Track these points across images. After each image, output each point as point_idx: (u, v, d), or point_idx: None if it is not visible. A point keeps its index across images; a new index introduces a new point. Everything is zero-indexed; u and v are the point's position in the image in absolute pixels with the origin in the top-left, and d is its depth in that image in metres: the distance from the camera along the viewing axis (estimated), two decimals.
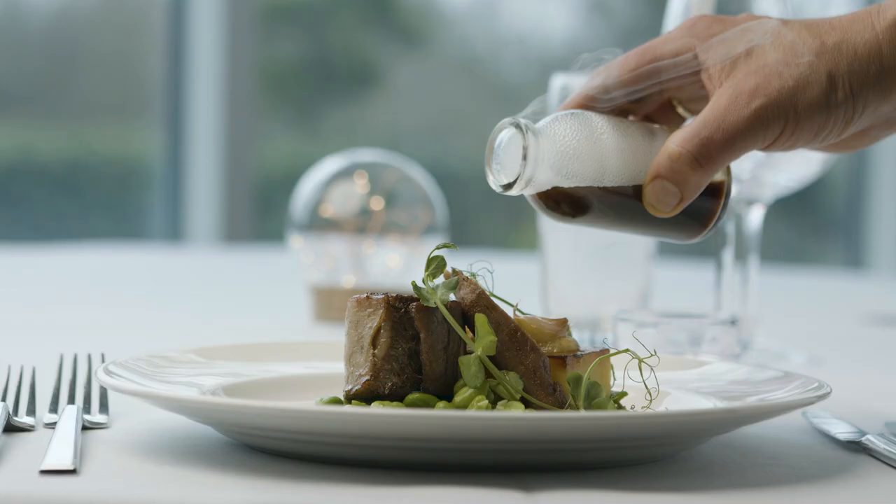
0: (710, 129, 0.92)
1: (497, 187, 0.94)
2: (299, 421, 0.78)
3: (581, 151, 0.93)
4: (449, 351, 0.89)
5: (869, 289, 2.67)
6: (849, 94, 0.92)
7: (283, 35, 4.41)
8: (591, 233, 1.42)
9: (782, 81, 0.92)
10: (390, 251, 1.64)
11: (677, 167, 0.93)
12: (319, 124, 4.43)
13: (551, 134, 0.93)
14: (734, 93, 0.93)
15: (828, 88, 0.92)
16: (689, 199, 0.94)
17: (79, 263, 2.55)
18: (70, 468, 0.77)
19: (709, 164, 0.93)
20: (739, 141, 0.93)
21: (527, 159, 0.92)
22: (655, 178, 0.93)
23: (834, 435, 0.93)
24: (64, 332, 1.50)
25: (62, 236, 3.80)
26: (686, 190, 0.93)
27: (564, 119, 0.94)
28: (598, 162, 0.93)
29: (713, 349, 1.16)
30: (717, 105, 0.93)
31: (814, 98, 0.92)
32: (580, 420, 0.77)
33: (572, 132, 0.93)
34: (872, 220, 4.64)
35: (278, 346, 1.07)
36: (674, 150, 0.93)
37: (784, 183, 1.44)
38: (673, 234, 0.97)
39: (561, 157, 0.92)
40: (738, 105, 0.92)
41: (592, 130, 0.94)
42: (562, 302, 1.42)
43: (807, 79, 0.92)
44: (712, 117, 0.93)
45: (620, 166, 0.93)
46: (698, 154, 0.92)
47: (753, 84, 0.92)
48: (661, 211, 0.94)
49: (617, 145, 0.94)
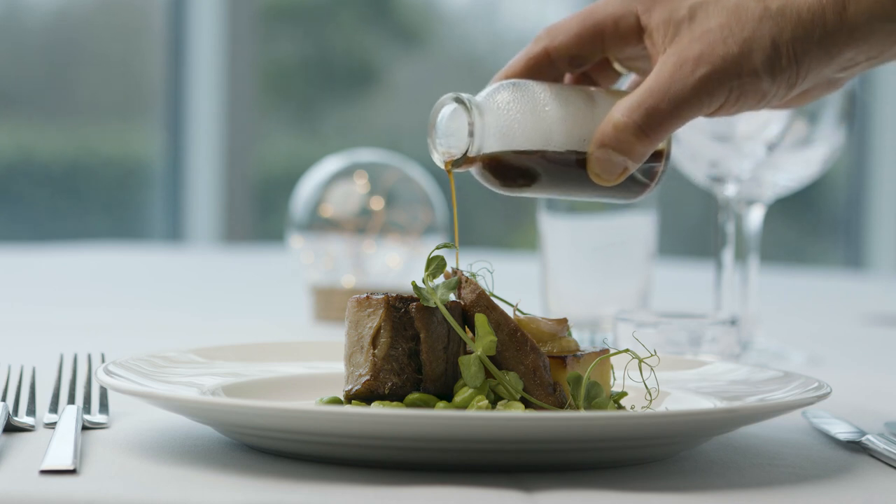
0: (655, 99, 0.92)
1: (441, 163, 0.94)
2: (299, 421, 0.78)
3: (525, 123, 0.93)
4: (449, 351, 0.89)
5: (869, 289, 2.67)
6: (792, 59, 0.92)
7: (283, 35, 4.41)
8: (591, 233, 1.42)
9: (727, 48, 0.92)
10: (390, 251, 1.64)
11: (623, 137, 0.93)
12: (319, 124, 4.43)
13: (494, 107, 0.93)
14: (678, 60, 0.92)
15: (772, 54, 0.92)
16: (635, 168, 0.94)
17: (79, 263, 2.54)
18: (70, 468, 0.77)
19: (655, 133, 0.93)
20: (685, 109, 0.92)
21: (473, 135, 0.92)
22: (600, 148, 0.93)
23: (834, 435, 0.93)
24: (64, 332, 1.49)
25: (62, 236, 3.80)
26: (631, 159, 0.93)
27: (506, 90, 0.94)
28: (542, 132, 0.93)
29: (713, 349, 1.16)
30: (662, 73, 0.92)
31: (758, 64, 0.92)
32: (580, 420, 0.77)
33: (515, 104, 0.93)
34: (872, 220, 4.64)
35: (278, 346, 1.07)
36: (619, 120, 0.93)
37: (784, 183, 1.44)
38: (616, 196, 0.98)
39: (505, 129, 0.92)
40: (683, 73, 0.92)
41: (535, 101, 0.93)
42: (562, 302, 1.42)
43: (751, 45, 0.92)
44: (657, 86, 0.92)
45: (564, 135, 0.93)
46: (644, 124, 0.92)
47: (698, 51, 0.92)
48: (607, 180, 0.94)
49: (560, 114, 0.93)
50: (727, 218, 1.37)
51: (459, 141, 0.93)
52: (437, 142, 0.94)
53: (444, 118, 0.94)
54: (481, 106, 0.93)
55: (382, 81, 4.53)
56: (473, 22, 4.64)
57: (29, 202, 4.02)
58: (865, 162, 4.64)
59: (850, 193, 4.70)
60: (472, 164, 0.93)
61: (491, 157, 0.93)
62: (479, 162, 0.93)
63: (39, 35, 4.09)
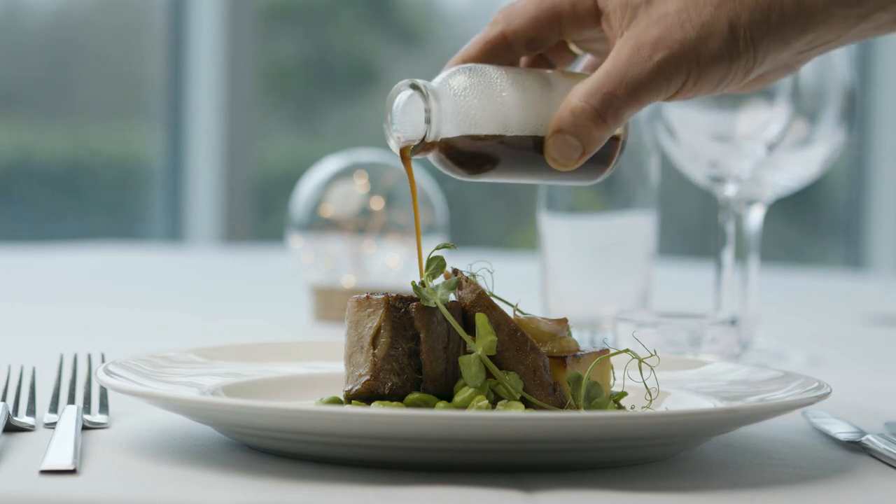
0: (612, 83, 0.92)
1: (398, 150, 0.93)
2: (299, 421, 0.78)
3: (482, 108, 0.92)
4: (449, 351, 0.89)
5: (869, 289, 2.67)
6: (749, 43, 0.92)
7: (283, 35, 4.41)
8: (591, 233, 1.42)
9: (684, 33, 0.91)
10: (390, 251, 1.64)
11: (580, 122, 0.92)
12: (319, 124, 4.43)
13: (451, 93, 0.92)
14: (636, 44, 0.92)
15: (729, 39, 0.92)
16: (592, 153, 0.93)
17: (79, 263, 2.54)
18: (70, 468, 0.77)
19: (612, 118, 0.92)
20: (643, 94, 0.92)
21: (430, 122, 0.92)
22: (558, 133, 0.93)
23: (834, 435, 0.93)
24: (64, 332, 1.49)
25: (62, 236, 3.80)
26: (589, 144, 0.93)
27: (462, 75, 0.93)
28: (499, 118, 0.92)
29: (713, 349, 1.16)
30: (619, 57, 0.92)
31: (716, 49, 0.92)
32: (580, 420, 0.77)
33: (472, 90, 0.92)
34: (872, 220, 4.64)
35: (278, 346, 1.07)
36: (576, 105, 0.92)
37: (784, 183, 1.44)
38: (574, 179, 0.97)
39: (462, 115, 0.92)
40: (640, 58, 0.91)
41: (492, 86, 0.93)
42: (562, 302, 1.42)
43: (709, 30, 0.91)
44: (615, 71, 0.92)
45: (521, 120, 0.93)
46: (601, 109, 0.92)
47: (655, 35, 0.92)
48: (564, 165, 0.93)
49: (517, 99, 0.93)
50: (727, 218, 1.37)
51: (416, 127, 0.92)
52: (394, 128, 0.93)
53: (400, 105, 0.93)
54: (437, 92, 0.92)
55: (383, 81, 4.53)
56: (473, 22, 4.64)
57: (29, 202, 4.02)
58: (865, 162, 4.64)
59: (850, 193, 4.70)
60: (430, 151, 0.93)
61: (448, 142, 0.92)
62: (436, 148, 0.93)
63: (39, 35, 4.09)
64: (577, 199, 1.42)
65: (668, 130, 1.35)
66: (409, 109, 0.93)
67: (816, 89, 1.41)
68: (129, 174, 4.14)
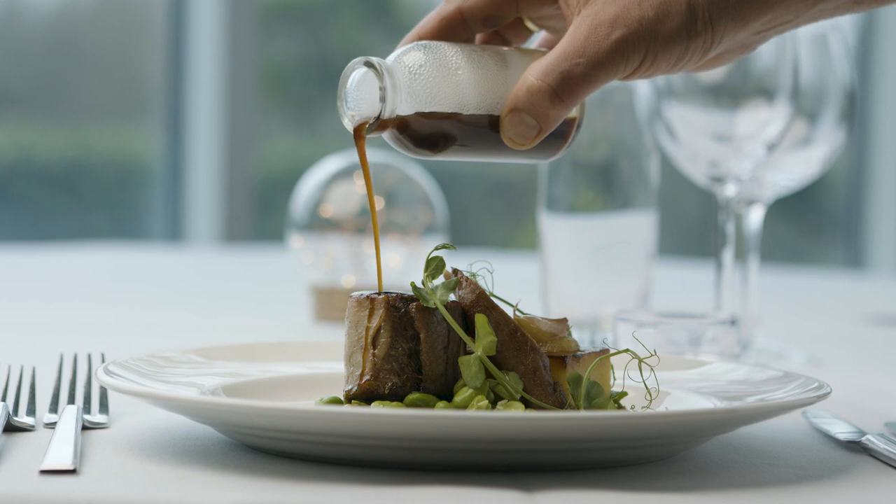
0: (569, 62, 0.91)
1: (352, 128, 0.92)
2: (299, 421, 0.78)
3: (437, 86, 0.91)
4: (449, 351, 0.89)
5: (869, 289, 2.67)
6: (707, 23, 0.91)
7: (283, 35, 4.42)
8: (591, 233, 1.42)
9: (642, 11, 0.91)
10: (390, 251, 1.64)
11: (537, 101, 0.91)
12: (319, 124, 4.43)
13: (405, 70, 0.91)
14: (593, 23, 0.91)
15: (687, 18, 0.91)
16: (548, 132, 0.93)
17: (79, 263, 2.54)
18: (70, 468, 0.77)
19: (569, 97, 0.91)
20: (600, 73, 0.91)
21: (385, 100, 0.90)
22: (513, 111, 0.92)
23: (834, 435, 0.93)
24: (64, 332, 1.49)
25: (62, 236, 3.80)
26: (545, 123, 0.92)
27: (418, 52, 0.92)
28: (455, 96, 0.92)
29: (713, 349, 1.16)
30: (576, 36, 0.91)
31: (673, 28, 0.91)
32: (580, 420, 0.77)
33: (427, 67, 0.92)
34: (872, 220, 4.64)
35: (278, 346, 1.07)
36: (533, 84, 0.92)
37: (784, 183, 1.44)
38: (531, 158, 0.97)
39: (418, 93, 0.91)
40: (597, 36, 0.91)
41: (447, 63, 0.92)
42: (562, 302, 1.42)
43: (666, 9, 0.91)
44: (571, 49, 0.91)
45: (477, 98, 0.92)
46: (558, 88, 0.91)
47: (613, 14, 0.91)
48: (521, 144, 0.93)
49: (472, 77, 0.92)
50: (727, 218, 1.37)
51: (371, 105, 0.91)
52: (348, 106, 0.92)
53: (355, 82, 0.92)
54: (392, 69, 0.91)
55: None
56: None
57: (29, 202, 4.02)
58: (865, 162, 4.64)
59: (850, 193, 4.70)
60: (385, 129, 0.92)
61: (403, 120, 0.91)
62: (391, 126, 0.92)
63: (39, 35, 4.09)
64: (578, 199, 1.42)
65: (668, 130, 1.35)
66: (363, 87, 0.91)
67: (816, 89, 1.41)
68: (129, 174, 4.14)
